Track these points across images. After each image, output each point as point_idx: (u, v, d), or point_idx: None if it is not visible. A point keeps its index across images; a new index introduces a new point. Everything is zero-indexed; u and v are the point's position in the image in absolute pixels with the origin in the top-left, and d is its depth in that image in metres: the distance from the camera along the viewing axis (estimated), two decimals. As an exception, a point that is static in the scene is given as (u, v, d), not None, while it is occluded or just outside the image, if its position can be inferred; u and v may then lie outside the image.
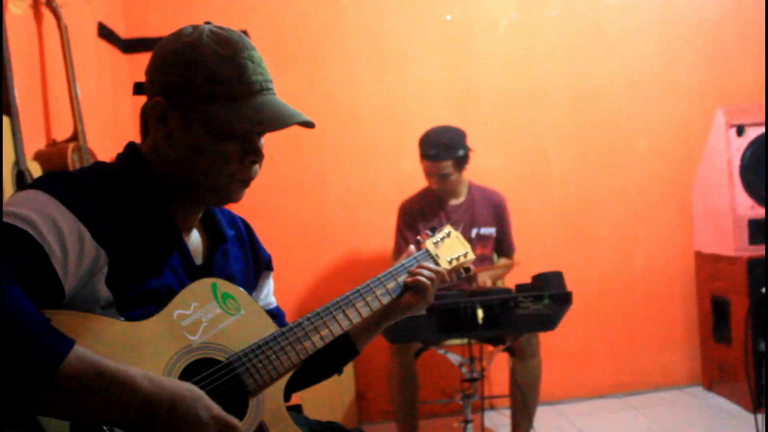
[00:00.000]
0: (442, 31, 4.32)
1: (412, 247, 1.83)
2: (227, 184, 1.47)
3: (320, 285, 4.17)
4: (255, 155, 1.47)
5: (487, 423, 4.09)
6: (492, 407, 4.29)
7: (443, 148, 3.47)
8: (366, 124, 4.28)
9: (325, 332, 1.59)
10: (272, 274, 1.80)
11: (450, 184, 3.56)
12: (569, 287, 2.89)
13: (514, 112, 4.34)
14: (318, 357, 1.63)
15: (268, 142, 1.51)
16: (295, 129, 1.50)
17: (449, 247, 1.88)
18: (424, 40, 4.31)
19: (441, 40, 4.31)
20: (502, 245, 3.72)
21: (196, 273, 1.49)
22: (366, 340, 1.80)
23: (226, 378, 1.41)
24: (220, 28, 1.46)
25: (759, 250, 3.81)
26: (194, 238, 1.57)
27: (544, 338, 3.39)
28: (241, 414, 1.40)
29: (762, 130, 3.95)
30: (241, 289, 1.55)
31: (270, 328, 1.54)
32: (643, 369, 4.44)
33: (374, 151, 4.27)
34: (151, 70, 1.46)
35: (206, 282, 1.47)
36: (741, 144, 3.96)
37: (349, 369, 3.92)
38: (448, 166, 3.49)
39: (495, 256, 3.78)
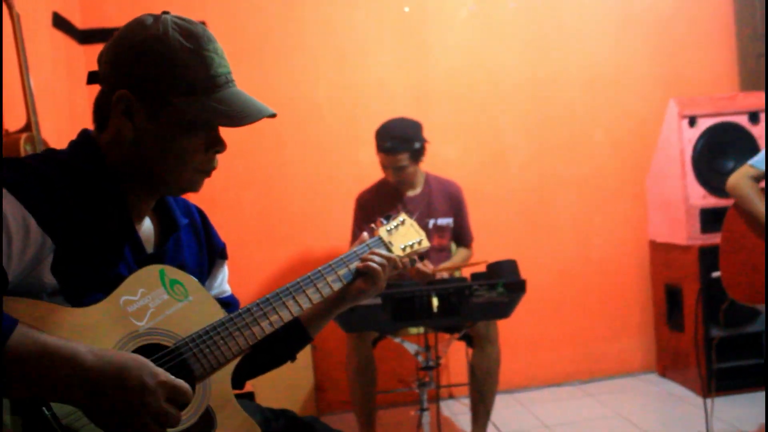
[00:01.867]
0: (401, 24, 4.33)
1: (365, 234, 1.84)
2: (191, 175, 1.48)
3: (279, 276, 4.17)
4: (219, 146, 1.50)
5: (447, 412, 4.14)
6: (451, 396, 4.33)
7: (399, 141, 3.48)
8: (325, 117, 4.28)
9: (274, 318, 1.59)
10: (227, 263, 1.81)
11: (406, 176, 3.58)
12: (527, 276, 2.93)
13: (472, 103, 4.37)
14: (270, 344, 1.64)
15: (227, 134, 1.52)
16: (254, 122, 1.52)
17: (403, 235, 1.90)
18: (382, 32, 4.32)
19: (399, 32, 4.33)
20: (460, 235, 3.75)
21: (146, 261, 1.49)
22: (318, 326, 1.81)
23: (173, 363, 1.41)
24: (182, 19, 1.46)
25: (711, 239, 3.89)
26: (146, 227, 1.57)
27: (503, 327, 3.43)
28: (188, 399, 1.41)
29: (713, 121, 4.03)
30: (190, 276, 1.55)
31: (219, 314, 1.55)
32: (600, 356, 4.51)
33: (333, 143, 4.28)
34: (112, 61, 1.45)
35: (154, 268, 1.48)
36: (693, 135, 4.03)
37: (307, 360, 3.93)
38: (404, 158, 3.50)
39: (453, 246, 3.80)
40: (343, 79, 4.29)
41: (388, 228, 1.88)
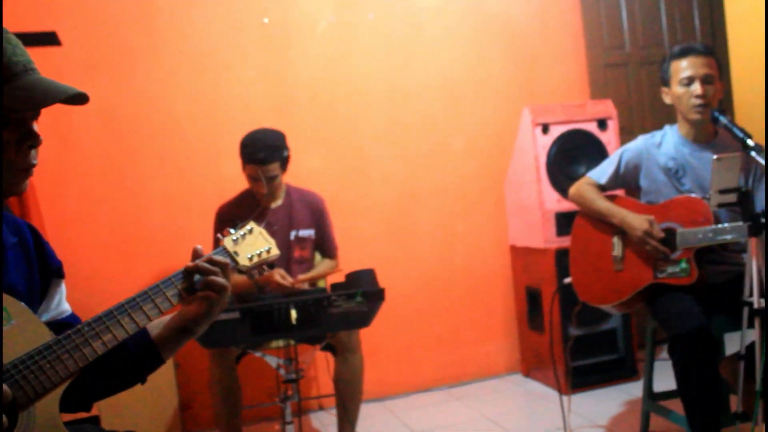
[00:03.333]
0: (260, 34, 4.30)
1: (198, 246, 1.77)
2: (8, 175, 1.42)
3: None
4: (32, 139, 1.44)
5: (317, 423, 4.12)
6: (321, 407, 4.32)
7: (270, 150, 3.44)
8: (185, 129, 4.19)
9: (107, 337, 1.53)
10: (65, 281, 1.73)
11: (275, 187, 3.54)
12: (392, 285, 2.96)
13: (334, 114, 4.39)
14: (119, 365, 1.58)
15: (81, 149, 1.46)
16: (111, 135, 1.46)
17: (251, 244, 1.86)
18: (241, 43, 4.28)
19: (259, 43, 4.30)
20: (324, 246, 3.74)
21: (-32, 284, 1.42)
22: (172, 348, 1.72)
23: (-8, 392, 1.34)
24: None
25: (566, 242, 4.02)
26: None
27: (370, 335, 3.45)
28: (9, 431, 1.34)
29: (565, 128, 4.19)
30: (13, 298, 1.48)
31: (45, 336, 1.47)
32: (466, 360, 4.61)
33: (194, 156, 4.20)
34: None
35: (-30, 293, 1.40)
36: (546, 141, 4.18)
37: (170, 378, 3.82)
38: (275, 168, 3.46)
39: (318, 257, 3.79)
40: (204, 90, 4.21)
41: (234, 237, 1.83)
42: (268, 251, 1.87)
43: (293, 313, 2.77)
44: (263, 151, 3.42)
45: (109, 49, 4.05)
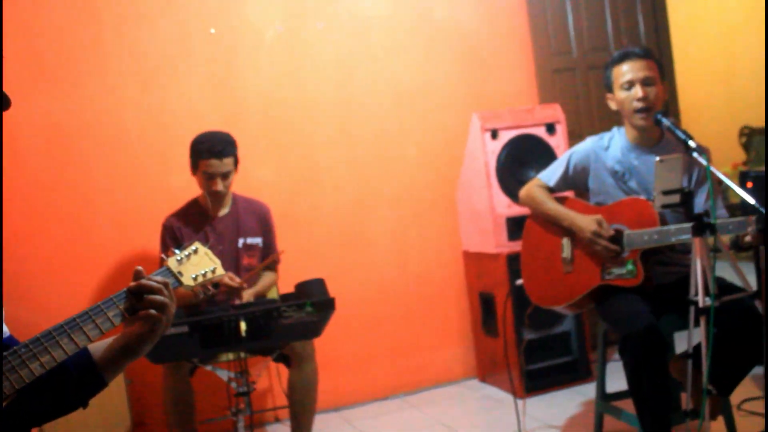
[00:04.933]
0: (208, 45, 4.26)
1: (139, 267, 1.72)
2: None
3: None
4: None
5: (273, 436, 4.09)
6: (277, 419, 4.28)
7: (226, 143, 3.45)
8: (133, 141, 4.13)
9: (45, 359, 1.49)
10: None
11: (228, 187, 3.52)
12: (347, 293, 2.95)
13: (284, 123, 4.36)
14: (59, 389, 1.54)
15: (27, 163, 1.43)
16: (57, 148, 1.43)
17: (196, 264, 1.84)
18: (189, 54, 4.23)
19: (207, 53, 4.26)
20: (267, 256, 3.70)
21: None
22: (115, 369, 1.68)
23: None
24: None
25: (518, 246, 4.04)
26: None
27: (325, 345, 3.43)
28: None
29: (514, 133, 4.22)
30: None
31: (-23, 358, 1.44)
32: (423, 367, 4.60)
33: (143, 168, 4.13)
34: None
35: None
36: (496, 147, 4.21)
37: (122, 396, 3.74)
38: (230, 163, 3.47)
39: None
40: (151, 103, 4.15)
41: (179, 257, 1.81)
42: (213, 271, 1.85)
43: (243, 326, 2.75)
44: (220, 144, 3.42)
45: (53, 61, 3.97)
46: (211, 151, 3.42)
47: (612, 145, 3.18)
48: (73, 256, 4.00)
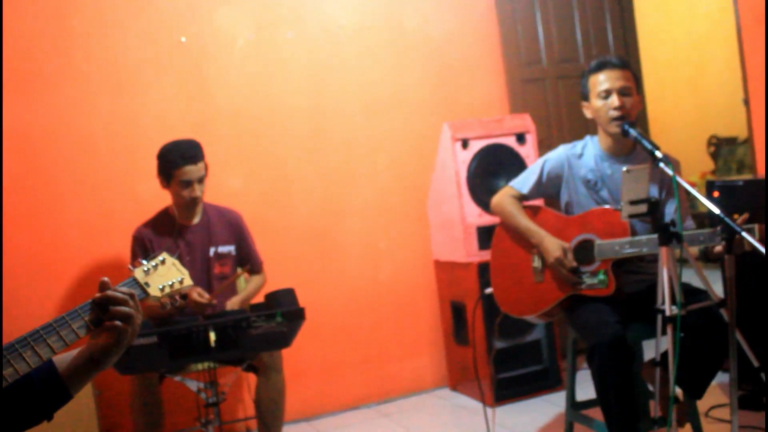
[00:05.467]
0: (178, 54, 4.24)
1: (105, 278, 1.71)
2: None
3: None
4: None
5: (243, 446, 4.06)
6: (248, 429, 4.25)
7: (197, 148, 3.45)
8: (101, 150, 4.09)
9: (8, 372, 1.47)
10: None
11: (201, 192, 3.50)
12: (317, 303, 2.94)
13: (254, 132, 4.35)
14: (23, 402, 1.51)
15: None
16: (25, 157, 1.40)
17: (163, 275, 1.82)
18: (159, 62, 4.21)
19: (176, 62, 4.23)
20: (249, 262, 3.69)
21: None
22: (81, 381, 1.65)
23: None
24: None
25: (488, 255, 4.05)
26: None
27: (295, 354, 3.41)
28: None
29: (484, 143, 4.24)
30: None
31: (-61, 372, 1.42)
32: (394, 376, 4.60)
33: (111, 177, 4.10)
34: None
35: None
36: (466, 156, 4.22)
37: (90, 406, 3.70)
38: (203, 167, 3.46)
39: (243, 281, 3.75)
40: (120, 111, 4.12)
41: (146, 268, 1.79)
42: (180, 282, 1.84)
43: (212, 336, 2.73)
44: (191, 150, 3.42)
45: (22, 69, 3.93)
46: (185, 157, 3.41)
47: (585, 154, 3.20)
48: (39, 266, 3.96)
